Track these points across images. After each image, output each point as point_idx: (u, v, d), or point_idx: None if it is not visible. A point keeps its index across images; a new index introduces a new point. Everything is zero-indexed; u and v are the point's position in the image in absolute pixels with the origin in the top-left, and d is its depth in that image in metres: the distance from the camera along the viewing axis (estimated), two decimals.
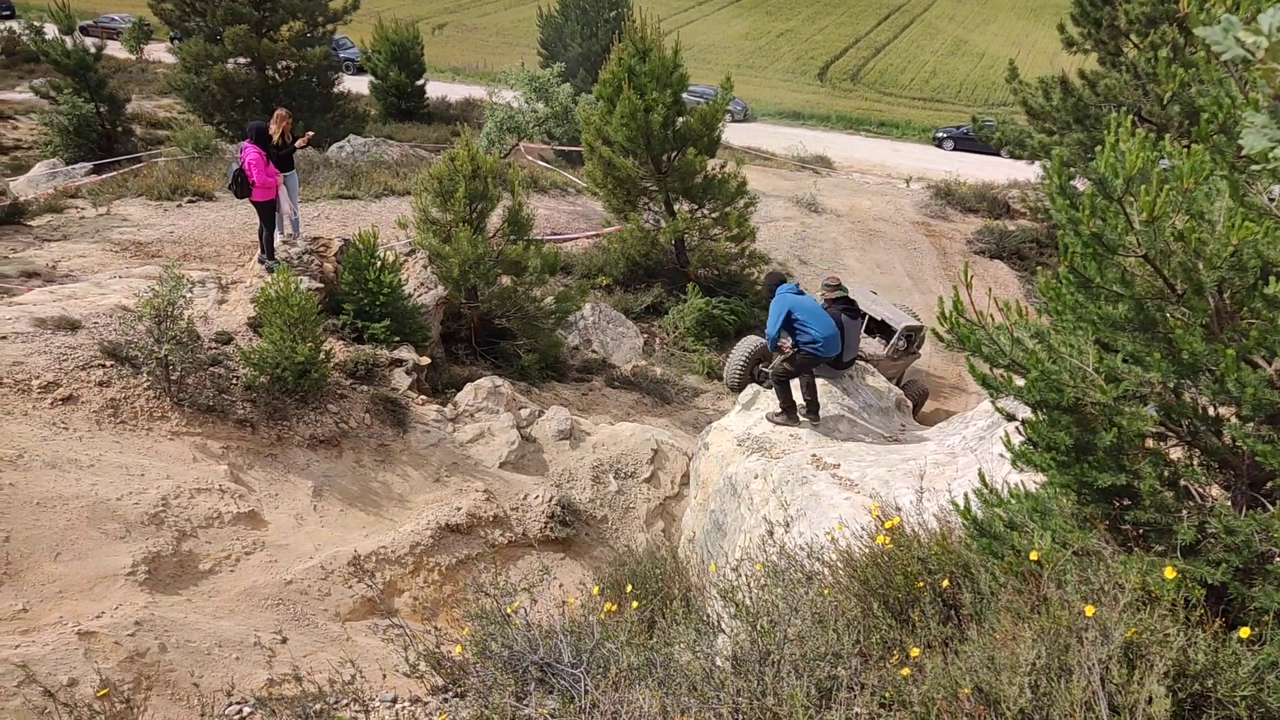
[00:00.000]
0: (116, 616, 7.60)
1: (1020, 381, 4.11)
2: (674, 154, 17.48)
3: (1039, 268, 6.69)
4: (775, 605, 4.30)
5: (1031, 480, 4.60)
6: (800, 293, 9.80)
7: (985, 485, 4.65)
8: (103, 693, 5.34)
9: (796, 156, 33.11)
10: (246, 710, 4.67)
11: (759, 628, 4.05)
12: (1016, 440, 4.40)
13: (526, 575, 9.29)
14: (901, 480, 7.88)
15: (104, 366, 9.83)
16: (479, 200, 13.22)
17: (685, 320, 16.97)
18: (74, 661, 6.98)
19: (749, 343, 14.43)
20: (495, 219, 13.91)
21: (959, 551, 4.52)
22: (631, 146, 17.12)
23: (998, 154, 29.33)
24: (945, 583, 4.35)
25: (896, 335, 16.04)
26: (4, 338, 9.74)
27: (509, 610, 4.57)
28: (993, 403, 4.45)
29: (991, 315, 4.29)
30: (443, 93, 39.27)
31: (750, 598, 4.41)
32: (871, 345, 16.09)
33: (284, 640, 6.36)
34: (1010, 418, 4.40)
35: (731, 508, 9.18)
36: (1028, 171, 25.25)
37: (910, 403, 12.26)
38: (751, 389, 11.06)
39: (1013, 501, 4.48)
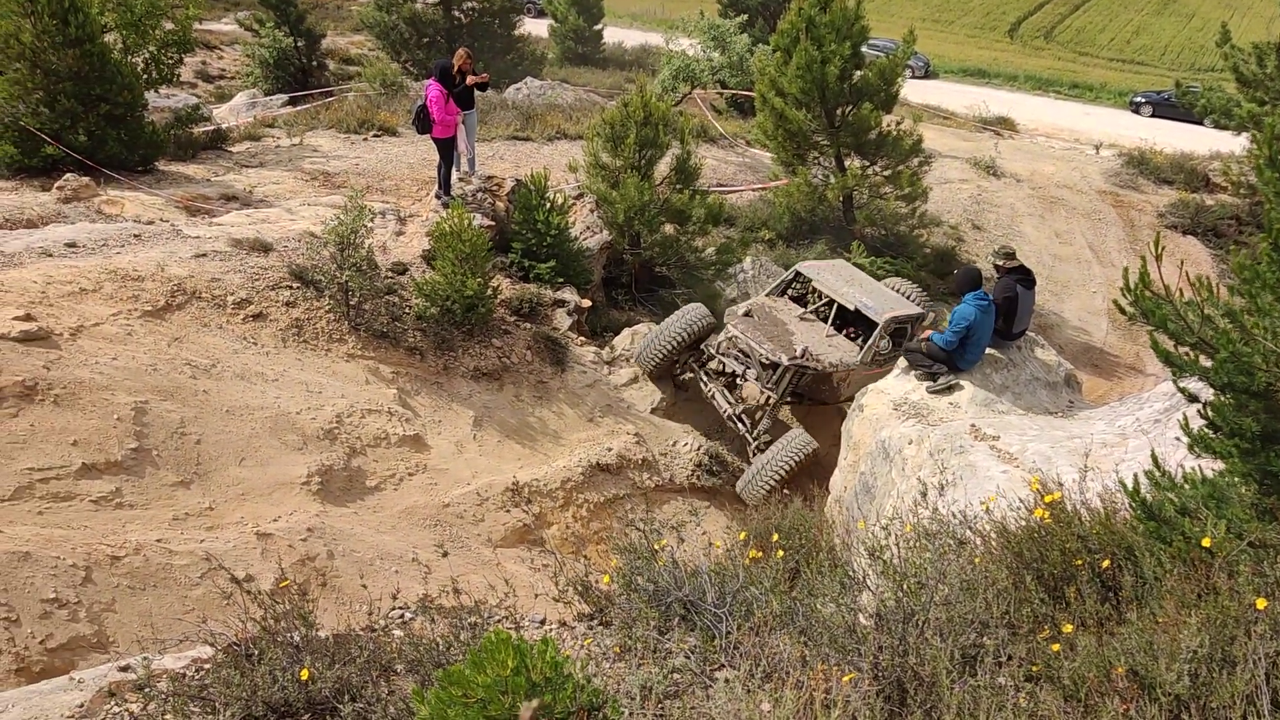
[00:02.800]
0: (291, 521, 8.20)
1: (1207, 362, 3.91)
2: (848, 108, 17.04)
3: (1233, 245, 6.23)
4: (923, 568, 4.26)
5: (1209, 467, 4.38)
6: (987, 307, 9.29)
7: (1158, 468, 4.45)
8: (284, 584, 5.79)
9: (978, 117, 31.73)
10: (409, 615, 4.99)
11: (905, 588, 4.03)
12: (1196, 424, 4.19)
13: (674, 516, 9.50)
14: (1064, 458, 7.58)
15: (291, 288, 10.47)
16: (648, 147, 13.29)
17: None
18: (252, 559, 7.59)
19: (687, 319, 11.54)
20: (663, 167, 13.97)
21: (1123, 533, 4.35)
22: (805, 99, 16.76)
23: (1200, 123, 27.24)
24: (1106, 563, 4.21)
25: (876, 333, 11.11)
26: (204, 255, 10.49)
27: (657, 546, 4.70)
28: (1174, 382, 4.24)
29: (1180, 290, 4.07)
30: (620, 38, 39.37)
31: (898, 558, 4.39)
32: (841, 349, 11.47)
33: (445, 555, 6.74)
34: (1193, 399, 4.18)
35: (882, 471, 9.06)
36: (1233, 143, 23.39)
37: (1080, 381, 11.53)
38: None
39: (1186, 487, 4.28)
